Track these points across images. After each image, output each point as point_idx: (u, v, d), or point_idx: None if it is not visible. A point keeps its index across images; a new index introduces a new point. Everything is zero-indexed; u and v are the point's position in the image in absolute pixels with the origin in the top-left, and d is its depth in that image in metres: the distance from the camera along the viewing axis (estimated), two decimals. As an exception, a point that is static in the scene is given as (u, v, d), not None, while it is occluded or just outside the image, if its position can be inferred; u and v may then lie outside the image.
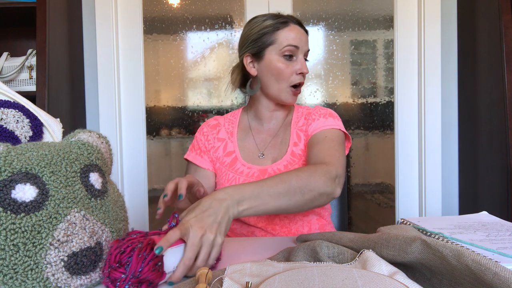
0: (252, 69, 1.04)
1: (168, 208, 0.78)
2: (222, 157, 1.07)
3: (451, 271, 0.48)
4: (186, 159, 1.11)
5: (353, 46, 1.92)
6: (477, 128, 1.65)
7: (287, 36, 0.99)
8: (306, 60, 1.05)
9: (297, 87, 1.02)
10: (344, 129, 1.02)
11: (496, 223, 0.71)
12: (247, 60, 1.05)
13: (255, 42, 1.02)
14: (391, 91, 1.91)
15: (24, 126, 0.70)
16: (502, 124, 1.47)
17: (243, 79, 1.11)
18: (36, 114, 0.73)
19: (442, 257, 0.49)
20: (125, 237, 0.57)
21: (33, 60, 1.55)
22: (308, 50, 1.05)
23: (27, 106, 0.73)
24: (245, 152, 1.07)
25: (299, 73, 1.01)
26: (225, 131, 1.11)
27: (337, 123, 1.01)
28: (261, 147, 1.07)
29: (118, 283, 0.51)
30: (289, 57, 1.00)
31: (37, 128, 0.71)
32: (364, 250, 0.57)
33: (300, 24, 1.04)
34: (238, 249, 0.76)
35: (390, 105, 1.91)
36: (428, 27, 1.78)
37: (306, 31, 1.05)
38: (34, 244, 0.50)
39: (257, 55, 1.03)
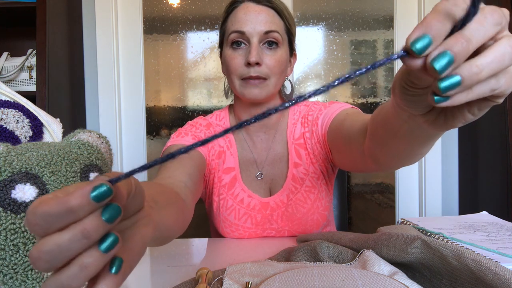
0: (223, 69, 0.89)
1: None
2: (220, 172, 0.88)
3: (451, 271, 0.48)
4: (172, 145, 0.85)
5: (353, 46, 1.92)
6: (477, 128, 1.65)
7: (232, 21, 0.80)
8: (272, 43, 0.79)
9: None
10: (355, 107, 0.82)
11: (496, 223, 0.71)
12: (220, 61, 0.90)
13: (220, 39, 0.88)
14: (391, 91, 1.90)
15: (24, 126, 0.69)
16: (502, 124, 1.47)
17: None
18: (36, 114, 0.73)
19: (442, 257, 0.49)
20: None
21: (33, 60, 1.55)
22: (271, 32, 0.78)
23: (27, 106, 0.73)
24: (244, 170, 0.88)
25: (248, 64, 0.78)
26: (222, 138, 0.89)
27: (345, 104, 0.82)
28: (259, 164, 0.89)
29: None
30: (237, 45, 0.80)
31: (37, 128, 0.71)
32: (364, 250, 0.57)
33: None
34: (238, 249, 0.76)
35: (390, 105, 1.91)
36: (428, 27, 1.78)
37: (271, 6, 0.80)
38: (34, 244, 0.50)
39: (221, 53, 0.87)
